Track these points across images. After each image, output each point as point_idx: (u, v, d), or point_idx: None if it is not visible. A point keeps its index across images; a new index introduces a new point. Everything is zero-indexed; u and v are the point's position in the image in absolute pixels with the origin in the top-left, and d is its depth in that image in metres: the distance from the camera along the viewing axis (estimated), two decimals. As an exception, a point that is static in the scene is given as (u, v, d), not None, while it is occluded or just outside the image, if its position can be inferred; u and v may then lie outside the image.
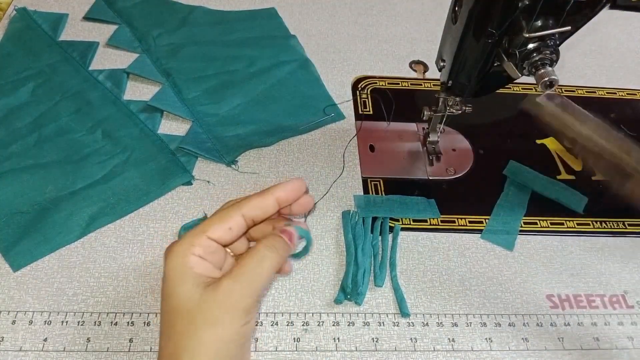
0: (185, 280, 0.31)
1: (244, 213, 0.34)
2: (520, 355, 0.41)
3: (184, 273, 0.31)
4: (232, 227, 0.33)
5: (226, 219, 0.33)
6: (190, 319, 0.30)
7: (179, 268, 0.31)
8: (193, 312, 0.30)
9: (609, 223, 0.51)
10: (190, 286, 0.31)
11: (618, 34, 0.74)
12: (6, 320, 0.40)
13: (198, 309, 0.30)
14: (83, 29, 0.64)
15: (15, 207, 0.45)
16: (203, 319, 0.30)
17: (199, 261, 0.32)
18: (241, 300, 0.31)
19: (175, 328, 0.30)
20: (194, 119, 0.54)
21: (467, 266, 0.46)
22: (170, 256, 0.32)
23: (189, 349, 0.30)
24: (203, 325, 0.30)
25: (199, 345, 0.30)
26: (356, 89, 0.61)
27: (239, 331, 0.31)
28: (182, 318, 0.30)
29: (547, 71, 0.38)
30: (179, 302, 0.31)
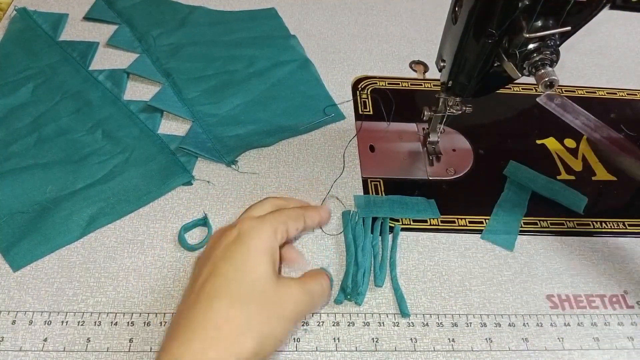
0: (266, 262, 0.32)
1: (306, 221, 0.37)
2: (520, 355, 0.41)
3: (268, 254, 0.32)
4: (300, 231, 0.36)
5: (300, 221, 0.36)
6: (267, 302, 0.31)
7: (265, 249, 0.32)
8: (271, 297, 0.31)
9: (609, 223, 0.51)
10: (270, 270, 0.32)
11: (618, 34, 0.74)
12: (6, 320, 0.40)
13: (276, 298, 0.32)
14: (83, 29, 0.64)
15: (15, 207, 0.45)
16: (278, 309, 0.32)
17: (278, 251, 0.33)
18: (304, 309, 0.34)
19: (249, 303, 0.31)
20: (194, 119, 0.54)
21: (467, 266, 0.46)
22: (256, 232, 0.32)
23: (259, 330, 0.31)
24: (277, 317, 0.31)
25: (265, 330, 0.31)
26: (356, 89, 0.61)
27: (288, 335, 0.34)
28: (259, 296, 0.31)
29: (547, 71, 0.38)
30: (260, 279, 0.31)
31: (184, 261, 0.44)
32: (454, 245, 0.48)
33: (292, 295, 0.33)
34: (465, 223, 0.49)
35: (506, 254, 0.47)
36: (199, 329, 0.30)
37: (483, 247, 0.48)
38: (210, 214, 0.47)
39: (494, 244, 0.48)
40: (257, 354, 0.30)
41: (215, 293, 0.31)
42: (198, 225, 0.47)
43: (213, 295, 0.31)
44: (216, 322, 0.30)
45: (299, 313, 0.33)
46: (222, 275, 0.31)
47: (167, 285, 0.42)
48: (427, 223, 0.49)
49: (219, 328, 0.30)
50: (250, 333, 0.30)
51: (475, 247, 0.48)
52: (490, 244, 0.48)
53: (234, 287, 0.31)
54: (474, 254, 0.47)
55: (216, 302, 0.31)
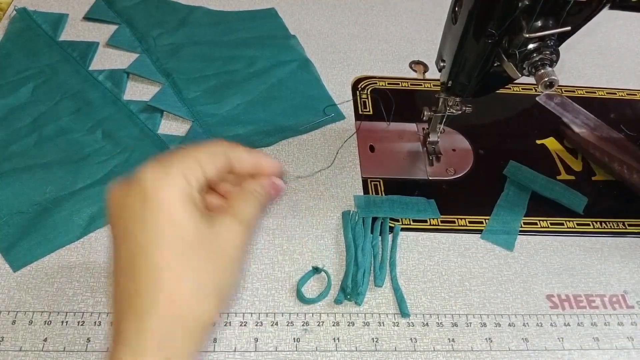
0: (189, 211, 0.28)
1: (231, 157, 0.32)
2: (520, 355, 0.41)
3: (186, 203, 0.28)
4: (219, 166, 0.31)
5: (217, 155, 0.31)
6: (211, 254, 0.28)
7: (180, 197, 0.28)
8: (213, 248, 0.28)
9: (609, 223, 0.51)
10: (196, 219, 0.28)
11: (618, 34, 0.74)
12: (6, 320, 0.40)
13: (218, 247, 0.29)
14: (83, 29, 0.64)
15: (15, 207, 0.45)
16: (226, 257, 0.29)
17: (198, 196, 0.29)
18: (246, 244, 0.30)
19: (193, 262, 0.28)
20: (194, 119, 0.54)
21: (467, 266, 0.46)
22: (162, 183, 0.28)
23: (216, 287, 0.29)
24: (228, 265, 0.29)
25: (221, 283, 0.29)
26: (356, 89, 0.61)
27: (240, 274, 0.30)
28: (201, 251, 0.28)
29: (547, 71, 0.38)
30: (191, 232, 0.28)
31: (184, 261, 0.44)
32: (454, 245, 0.48)
33: (231, 233, 0.29)
34: (465, 223, 0.49)
35: (506, 254, 0.47)
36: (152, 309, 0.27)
37: (483, 247, 0.48)
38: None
39: (494, 244, 0.48)
40: (220, 307, 0.29)
41: (154, 266, 0.27)
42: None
43: (154, 269, 0.27)
44: (169, 295, 0.27)
45: (244, 248, 0.30)
46: (151, 245, 0.27)
47: (167, 285, 0.42)
48: (427, 223, 0.49)
49: (173, 301, 0.27)
50: (207, 294, 0.28)
51: (475, 247, 0.48)
52: (490, 244, 0.48)
53: (169, 254, 0.27)
54: (474, 254, 0.47)
55: (159, 274, 0.27)
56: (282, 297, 0.43)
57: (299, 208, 0.49)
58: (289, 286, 0.43)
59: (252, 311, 0.42)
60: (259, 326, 0.41)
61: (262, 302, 0.42)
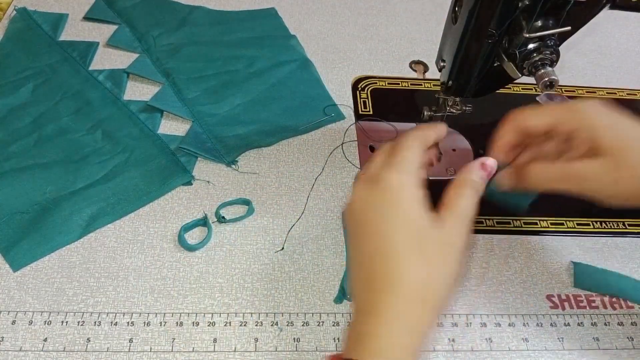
0: (425, 211, 0.32)
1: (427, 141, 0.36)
2: (521, 355, 0.41)
3: (422, 204, 0.32)
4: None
5: (424, 154, 0.36)
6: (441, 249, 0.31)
7: (419, 201, 0.32)
8: (441, 242, 0.31)
9: (609, 223, 0.51)
10: (430, 217, 0.32)
11: (618, 34, 0.74)
12: (6, 320, 0.40)
13: (446, 241, 0.31)
14: (83, 29, 0.64)
15: (15, 207, 0.45)
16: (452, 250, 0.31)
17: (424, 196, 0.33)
18: (467, 237, 0.32)
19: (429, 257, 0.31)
20: (194, 119, 0.54)
21: (467, 266, 0.46)
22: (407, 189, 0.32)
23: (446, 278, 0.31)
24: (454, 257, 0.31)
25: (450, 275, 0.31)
26: (356, 89, 0.61)
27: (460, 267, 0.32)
28: (433, 247, 0.31)
29: (547, 71, 0.38)
30: (426, 230, 0.31)
31: (184, 261, 0.44)
32: (454, 245, 0.47)
33: (453, 229, 0.32)
34: (465, 223, 0.49)
35: (506, 254, 0.47)
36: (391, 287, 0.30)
37: (483, 247, 0.48)
38: (210, 214, 0.47)
39: (493, 244, 0.48)
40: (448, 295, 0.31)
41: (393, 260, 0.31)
42: (198, 225, 0.47)
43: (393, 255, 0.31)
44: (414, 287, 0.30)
45: (464, 239, 0.32)
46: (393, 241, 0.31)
47: (167, 285, 0.42)
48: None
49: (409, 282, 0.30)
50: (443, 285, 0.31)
51: (475, 247, 0.48)
52: (491, 244, 0.48)
53: (408, 247, 0.31)
54: (474, 254, 0.47)
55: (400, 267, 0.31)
56: (282, 297, 0.43)
57: (299, 208, 0.49)
58: (289, 286, 0.43)
59: (252, 311, 0.42)
60: (259, 326, 0.41)
61: (262, 302, 0.42)
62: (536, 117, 0.37)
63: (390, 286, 0.30)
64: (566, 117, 0.36)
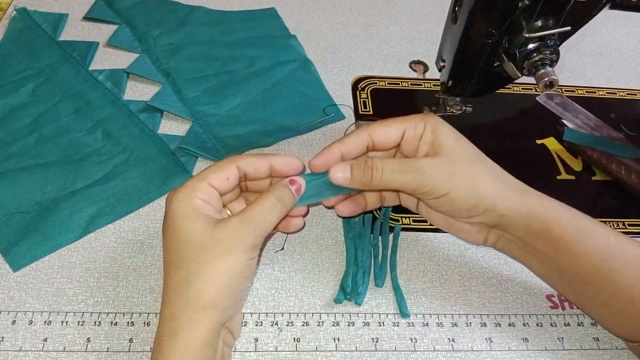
0: (195, 218, 0.35)
1: (239, 166, 0.38)
2: (521, 355, 0.41)
3: (192, 212, 0.35)
4: (230, 177, 0.38)
5: (224, 169, 0.38)
6: (203, 249, 0.34)
7: (187, 209, 0.35)
8: (206, 243, 0.34)
9: (608, 223, 0.51)
10: (201, 222, 0.34)
11: (618, 34, 0.74)
12: (6, 320, 0.40)
13: (211, 241, 0.34)
14: (83, 29, 0.64)
15: (15, 207, 0.45)
16: (216, 250, 0.34)
17: (203, 204, 0.36)
18: (249, 237, 0.35)
19: (187, 258, 0.34)
20: (194, 119, 0.54)
21: (467, 266, 0.46)
22: (175, 199, 0.35)
23: (201, 275, 0.33)
24: (216, 256, 0.34)
25: (211, 272, 0.33)
26: (356, 89, 0.61)
27: (246, 264, 0.35)
28: (195, 249, 0.34)
29: (547, 71, 0.38)
30: (191, 235, 0.34)
31: (184, 261, 0.44)
32: (454, 245, 0.48)
33: (231, 230, 0.34)
34: (465, 223, 0.49)
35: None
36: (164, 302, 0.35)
37: (483, 247, 0.48)
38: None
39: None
40: (219, 292, 0.34)
41: (165, 269, 0.35)
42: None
43: (165, 272, 0.35)
44: (172, 288, 0.34)
45: (245, 242, 0.35)
46: (166, 251, 0.36)
47: (167, 285, 0.42)
48: (427, 223, 0.49)
49: (175, 291, 0.34)
50: (200, 279, 0.33)
51: (475, 247, 0.48)
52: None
53: (173, 254, 0.35)
54: (474, 254, 0.47)
55: (171, 271, 0.34)
56: (282, 297, 0.43)
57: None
58: (289, 286, 0.43)
59: (252, 311, 0.42)
60: (259, 326, 0.41)
61: (262, 302, 0.42)
62: (386, 127, 0.40)
63: (164, 296, 0.35)
64: (416, 122, 0.40)
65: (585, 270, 0.38)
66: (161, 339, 0.33)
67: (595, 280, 0.38)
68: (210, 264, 0.33)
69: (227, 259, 0.34)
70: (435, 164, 0.38)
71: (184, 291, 0.33)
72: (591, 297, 0.40)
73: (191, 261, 0.34)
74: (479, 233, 0.42)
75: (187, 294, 0.33)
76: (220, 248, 0.34)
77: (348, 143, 0.40)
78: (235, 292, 0.35)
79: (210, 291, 0.33)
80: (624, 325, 0.40)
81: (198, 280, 0.33)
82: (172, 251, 0.35)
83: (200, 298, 0.33)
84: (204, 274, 0.33)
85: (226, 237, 0.34)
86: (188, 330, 0.33)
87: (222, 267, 0.34)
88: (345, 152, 0.40)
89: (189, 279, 0.33)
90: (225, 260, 0.34)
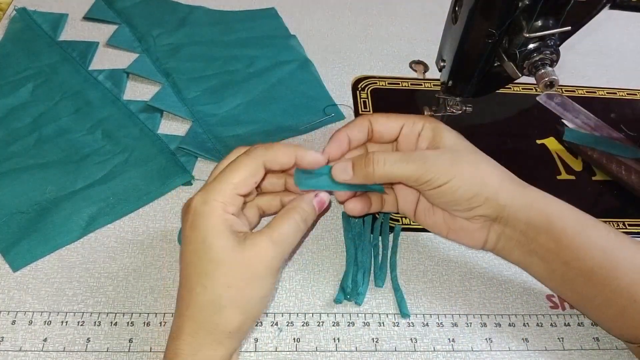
0: (226, 237, 0.33)
1: (266, 163, 0.36)
2: (521, 355, 0.41)
3: (224, 229, 0.33)
4: (257, 179, 0.36)
5: (253, 172, 0.36)
6: (234, 272, 0.33)
7: (219, 225, 0.33)
8: (237, 266, 0.33)
9: (609, 223, 0.51)
10: (232, 240, 0.33)
11: (618, 34, 0.74)
12: (6, 320, 0.40)
13: (242, 263, 0.33)
14: (83, 29, 0.64)
15: (15, 207, 0.45)
16: (247, 275, 0.33)
17: (234, 219, 0.35)
18: (277, 262, 0.34)
19: (216, 279, 0.33)
20: (194, 119, 0.54)
21: (467, 266, 0.46)
22: (205, 214, 0.33)
23: (234, 302, 0.33)
24: (247, 282, 0.33)
25: (243, 299, 0.33)
26: (356, 89, 0.61)
27: (272, 287, 0.35)
28: (225, 270, 0.33)
29: (547, 71, 0.38)
30: (221, 255, 0.33)
31: (184, 261, 0.44)
32: (454, 245, 0.47)
33: (261, 252, 0.33)
34: (465, 223, 0.49)
35: (506, 254, 0.47)
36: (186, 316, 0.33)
37: (483, 247, 0.48)
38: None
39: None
40: (246, 320, 0.34)
41: (189, 283, 0.34)
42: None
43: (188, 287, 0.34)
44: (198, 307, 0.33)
45: (273, 265, 0.34)
46: (190, 265, 0.34)
47: (167, 285, 0.42)
48: (427, 223, 0.49)
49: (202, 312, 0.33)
50: (229, 306, 0.33)
51: (475, 247, 0.48)
52: (490, 244, 0.48)
53: (200, 271, 0.33)
54: (474, 254, 0.47)
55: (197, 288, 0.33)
56: (282, 297, 0.43)
57: (299, 208, 0.49)
58: (289, 286, 0.43)
59: (252, 311, 0.42)
60: (259, 326, 0.41)
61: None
62: (387, 117, 0.41)
63: (185, 310, 0.33)
64: (415, 120, 0.40)
65: (588, 265, 0.38)
66: (179, 352, 0.32)
67: (598, 276, 0.38)
68: (242, 290, 0.33)
69: (257, 284, 0.34)
70: (437, 153, 0.39)
71: (213, 314, 0.33)
72: (593, 297, 0.39)
73: (221, 284, 0.33)
74: (480, 232, 0.41)
75: (217, 318, 0.33)
76: (251, 273, 0.33)
77: (352, 129, 0.40)
78: (259, 315, 0.35)
79: (239, 319, 0.33)
80: (625, 326, 0.39)
81: (229, 308, 0.33)
82: (198, 267, 0.33)
83: (228, 325, 0.33)
84: (236, 301, 0.33)
85: (256, 260, 0.33)
86: (211, 350, 0.33)
87: (253, 293, 0.34)
88: (351, 137, 0.41)
89: (220, 304, 0.33)
90: (255, 287, 0.33)
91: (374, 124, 0.41)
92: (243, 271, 0.33)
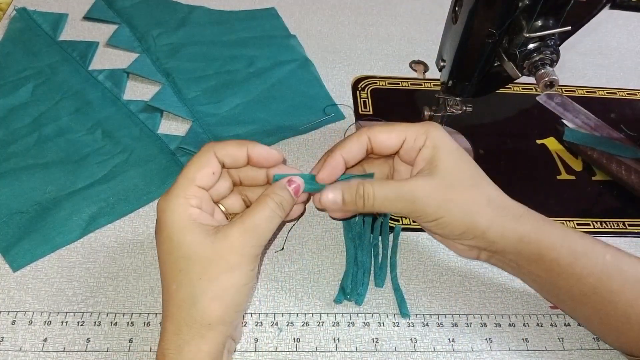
0: (193, 230, 0.33)
1: (218, 156, 0.36)
2: (520, 355, 0.41)
3: (189, 224, 0.33)
4: (214, 171, 0.36)
5: (207, 164, 0.36)
6: (205, 265, 0.33)
7: (183, 221, 0.33)
8: (209, 258, 0.33)
9: (609, 223, 0.51)
10: (200, 234, 0.33)
11: (618, 34, 0.74)
12: (6, 320, 0.40)
13: (213, 255, 0.33)
14: (83, 29, 0.64)
15: (15, 207, 0.45)
16: (219, 265, 0.33)
17: (199, 213, 0.35)
18: (252, 249, 0.34)
19: (190, 274, 0.33)
20: (194, 119, 0.54)
21: (467, 266, 0.46)
22: (168, 210, 0.34)
23: (207, 293, 0.33)
24: (220, 272, 0.33)
25: (217, 289, 0.33)
26: (356, 89, 0.61)
27: (249, 275, 0.34)
28: (197, 264, 0.33)
29: (547, 71, 0.38)
30: (191, 249, 0.33)
31: (184, 261, 0.44)
32: (454, 245, 0.47)
33: (234, 242, 0.33)
34: (465, 223, 0.49)
35: (506, 254, 0.47)
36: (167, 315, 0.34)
37: (483, 247, 0.48)
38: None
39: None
40: (227, 310, 0.33)
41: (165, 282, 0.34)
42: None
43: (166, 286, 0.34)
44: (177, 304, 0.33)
45: (247, 253, 0.34)
46: (164, 264, 0.34)
47: (167, 285, 0.42)
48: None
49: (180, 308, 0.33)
50: (204, 297, 0.33)
51: (475, 247, 0.48)
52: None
53: (172, 268, 0.34)
54: (474, 254, 0.47)
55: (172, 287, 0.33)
56: (282, 297, 0.43)
57: (299, 208, 0.49)
58: (289, 286, 0.43)
59: (252, 311, 0.42)
60: (259, 326, 0.41)
61: (262, 302, 0.42)
62: (387, 133, 0.39)
63: (165, 310, 0.34)
64: (418, 133, 0.39)
65: (582, 291, 0.38)
66: (166, 352, 0.33)
67: (592, 300, 0.38)
68: (216, 280, 0.33)
69: (231, 273, 0.33)
70: (428, 189, 0.37)
71: (190, 308, 0.33)
72: (588, 316, 0.40)
73: (194, 278, 0.33)
74: (471, 251, 0.41)
75: (194, 311, 0.32)
76: (224, 262, 0.33)
77: (349, 147, 0.39)
78: (240, 304, 0.35)
79: (217, 308, 0.33)
80: (622, 342, 0.40)
81: (204, 298, 0.32)
82: (171, 265, 0.34)
83: (207, 315, 0.33)
84: (210, 291, 0.33)
85: (228, 250, 0.33)
86: (195, 345, 0.32)
87: (228, 283, 0.33)
88: (347, 158, 0.39)
89: (195, 297, 0.32)
90: (230, 276, 0.33)
91: (374, 140, 0.39)
92: (216, 263, 0.33)
